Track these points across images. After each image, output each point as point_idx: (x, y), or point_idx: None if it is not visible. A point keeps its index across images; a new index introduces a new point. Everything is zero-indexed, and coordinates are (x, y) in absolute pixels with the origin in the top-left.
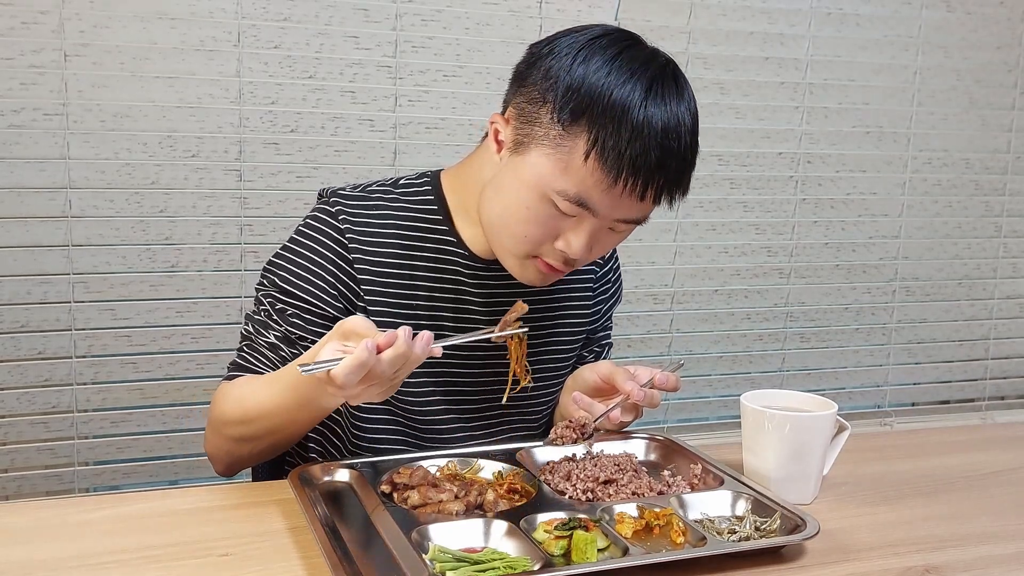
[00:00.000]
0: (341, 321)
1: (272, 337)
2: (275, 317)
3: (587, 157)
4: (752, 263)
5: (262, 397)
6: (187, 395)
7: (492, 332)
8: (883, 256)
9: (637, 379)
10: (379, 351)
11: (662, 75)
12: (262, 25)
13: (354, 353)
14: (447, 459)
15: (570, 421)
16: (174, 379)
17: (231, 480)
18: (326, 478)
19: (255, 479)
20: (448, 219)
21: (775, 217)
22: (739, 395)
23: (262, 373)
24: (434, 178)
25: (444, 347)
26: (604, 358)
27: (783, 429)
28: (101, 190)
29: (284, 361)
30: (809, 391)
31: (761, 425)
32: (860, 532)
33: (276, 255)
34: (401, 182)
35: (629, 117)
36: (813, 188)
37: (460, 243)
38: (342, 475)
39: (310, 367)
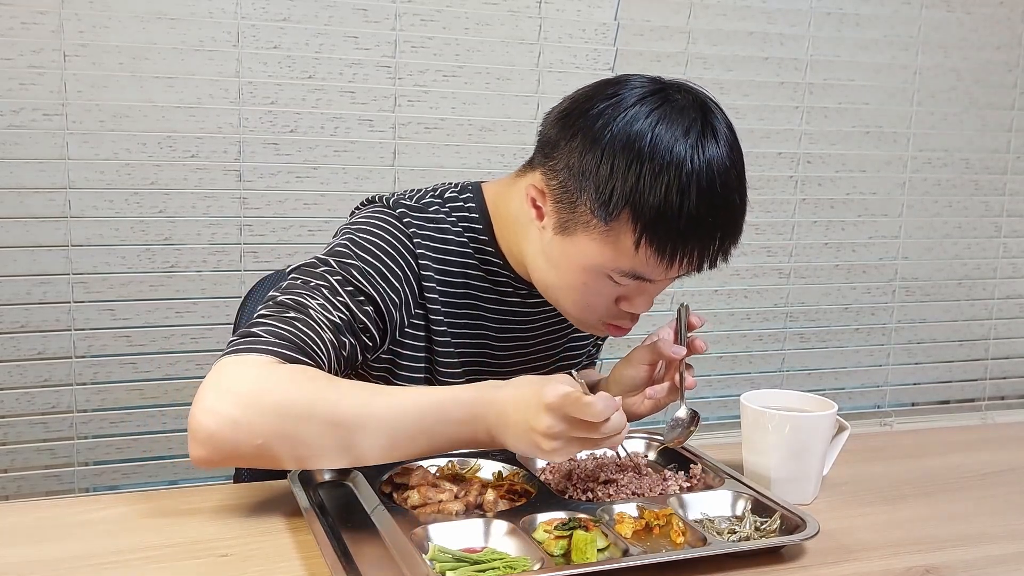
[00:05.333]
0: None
1: (337, 318)
2: (342, 297)
3: (637, 246)
4: (752, 263)
5: (390, 420)
6: (187, 395)
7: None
8: (883, 256)
9: (669, 340)
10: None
11: (703, 138)
12: (262, 25)
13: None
14: (447, 459)
15: (674, 419)
16: (174, 379)
17: (231, 480)
18: (326, 478)
19: (253, 479)
20: (494, 241)
21: (775, 217)
22: (739, 395)
23: (320, 356)
24: (476, 195)
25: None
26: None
27: (783, 429)
28: (101, 190)
29: (343, 347)
30: (809, 391)
31: (761, 425)
32: (860, 532)
33: (343, 245)
34: (447, 195)
35: (676, 203)
36: (813, 188)
37: (506, 265)
38: (342, 475)
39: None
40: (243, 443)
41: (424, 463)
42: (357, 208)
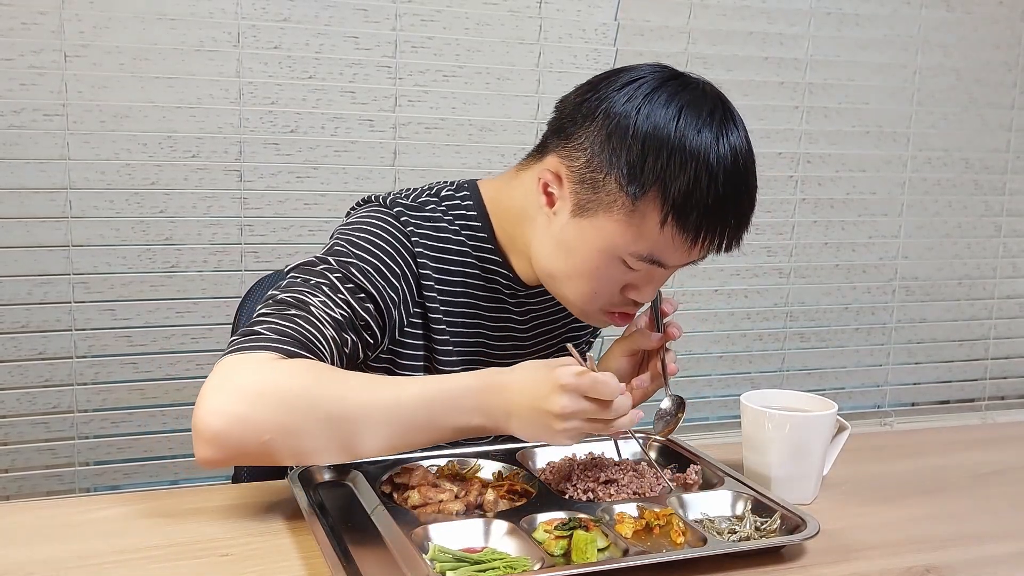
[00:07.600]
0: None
1: (339, 315)
2: (342, 295)
3: (663, 225)
4: (752, 263)
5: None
6: (188, 395)
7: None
8: (883, 256)
9: (645, 329)
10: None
11: (725, 125)
12: (262, 25)
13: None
14: (447, 459)
15: (660, 411)
16: (174, 379)
17: (231, 480)
18: (326, 478)
19: (252, 479)
20: (493, 239)
21: (775, 217)
22: (739, 395)
23: (323, 352)
24: (473, 193)
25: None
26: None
27: (783, 429)
28: (101, 191)
29: (345, 344)
30: (809, 391)
31: (761, 425)
32: (860, 532)
33: (340, 244)
34: (443, 193)
35: (704, 185)
36: (813, 188)
37: (505, 264)
38: (342, 475)
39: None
40: (249, 440)
41: (424, 463)
42: (353, 208)
